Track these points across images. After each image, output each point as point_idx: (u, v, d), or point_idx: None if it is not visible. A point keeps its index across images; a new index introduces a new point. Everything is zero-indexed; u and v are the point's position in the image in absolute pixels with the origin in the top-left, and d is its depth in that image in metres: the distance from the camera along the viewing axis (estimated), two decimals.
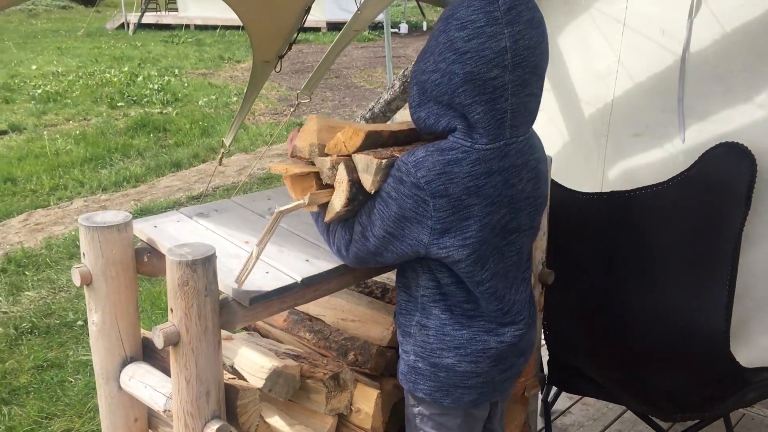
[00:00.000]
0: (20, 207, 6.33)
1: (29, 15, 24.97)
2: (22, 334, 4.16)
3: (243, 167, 7.78)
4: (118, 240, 1.57)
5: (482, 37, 1.36)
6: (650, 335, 2.52)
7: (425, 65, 1.45)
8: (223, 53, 16.41)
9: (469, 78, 1.38)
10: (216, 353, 1.44)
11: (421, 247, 1.47)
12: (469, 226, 1.44)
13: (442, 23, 1.42)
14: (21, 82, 12.07)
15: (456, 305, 1.57)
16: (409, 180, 1.42)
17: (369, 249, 1.52)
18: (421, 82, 1.46)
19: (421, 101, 1.48)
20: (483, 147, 1.43)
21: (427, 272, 1.56)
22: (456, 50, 1.38)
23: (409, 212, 1.43)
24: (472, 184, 1.42)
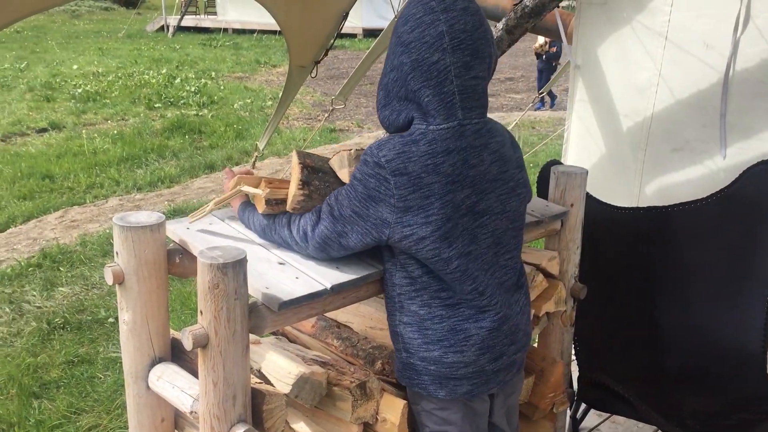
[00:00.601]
0: (57, 204, 6.45)
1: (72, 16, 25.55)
2: (55, 329, 4.22)
3: (276, 171, 7.83)
4: (151, 240, 1.58)
5: (422, 26, 1.51)
6: (684, 354, 2.47)
7: (385, 69, 1.61)
8: (260, 57, 16.60)
9: (415, 65, 1.51)
10: (244, 357, 1.44)
11: (385, 227, 1.53)
12: (431, 204, 1.51)
13: (395, 27, 1.59)
14: (62, 81, 12.34)
15: (433, 297, 1.61)
16: (372, 160, 1.53)
17: (336, 229, 1.57)
18: (384, 84, 1.60)
19: (386, 102, 1.60)
20: (437, 127, 1.53)
21: (399, 269, 1.62)
22: (402, 43, 1.53)
23: (373, 191, 1.52)
24: (430, 162, 1.51)
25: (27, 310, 4.47)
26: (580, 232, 2.23)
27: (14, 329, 4.22)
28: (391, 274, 1.65)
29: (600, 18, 2.88)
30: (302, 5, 2.81)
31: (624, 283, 2.56)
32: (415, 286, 1.61)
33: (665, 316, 2.48)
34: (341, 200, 1.58)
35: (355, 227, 1.56)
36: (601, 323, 2.61)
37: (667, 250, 2.46)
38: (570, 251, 2.23)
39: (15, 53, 15.49)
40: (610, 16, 2.84)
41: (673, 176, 2.74)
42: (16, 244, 5.57)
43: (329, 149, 8.86)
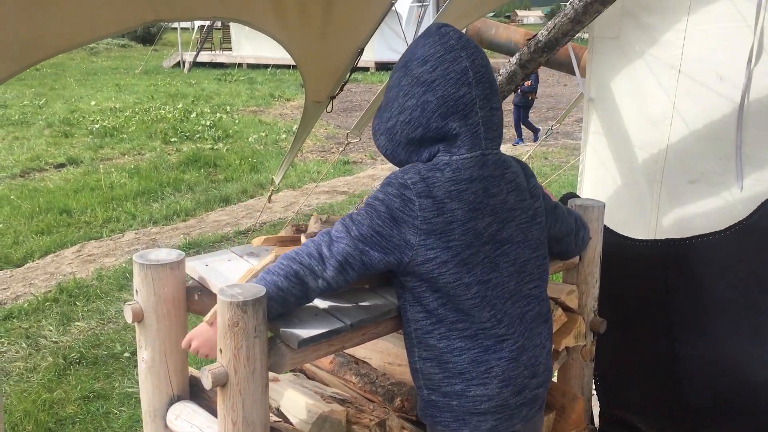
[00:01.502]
0: (74, 238, 6.50)
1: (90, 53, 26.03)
2: (71, 364, 4.23)
3: (290, 203, 7.87)
4: (170, 278, 1.59)
5: (445, 63, 1.55)
6: (707, 389, 2.43)
7: (388, 113, 1.62)
8: (274, 91, 16.80)
9: (442, 102, 1.55)
10: (263, 395, 1.43)
11: (408, 249, 1.53)
12: (453, 230, 1.54)
13: (400, 71, 1.61)
14: (80, 117, 12.53)
15: (450, 330, 1.60)
16: (396, 181, 1.55)
17: (357, 246, 1.54)
18: (388, 129, 1.62)
19: (394, 146, 1.63)
20: (460, 157, 1.57)
21: (413, 304, 1.61)
22: (423, 82, 1.56)
23: (397, 212, 1.53)
24: (454, 188, 1.54)
25: (43, 345, 4.49)
26: (598, 265, 2.22)
27: (31, 364, 4.23)
28: (405, 310, 1.65)
29: (613, 51, 2.90)
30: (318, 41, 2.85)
31: (643, 317, 2.53)
32: (431, 319, 1.60)
33: (686, 349, 2.44)
34: (360, 220, 1.56)
35: (375, 246, 1.54)
36: (621, 358, 2.58)
37: (686, 282, 2.43)
38: (589, 285, 2.22)
39: (34, 90, 15.77)
40: (622, 50, 2.86)
41: (690, 208, 2.73)
42: (33, 279, 5.61)
43: (343, 181, 8.91)
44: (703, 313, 2.41)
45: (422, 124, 1.57)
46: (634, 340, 2.55)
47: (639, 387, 2.57)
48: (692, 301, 2.43)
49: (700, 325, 2.44)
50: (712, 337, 2.40)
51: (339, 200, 8.06)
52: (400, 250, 1.54)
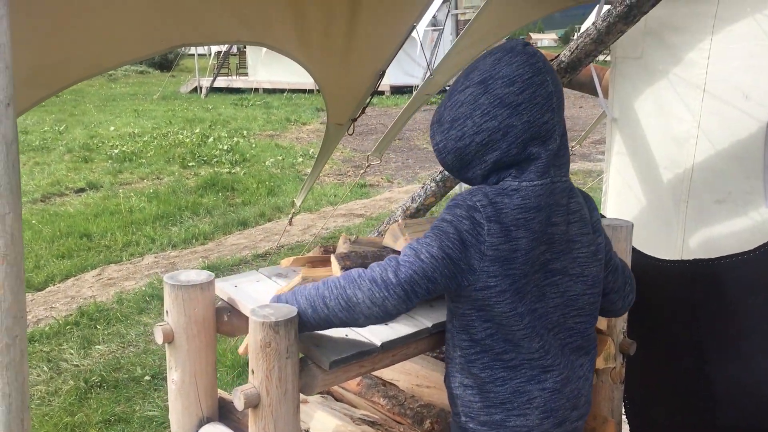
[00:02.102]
0: (94, 262, 6.54)
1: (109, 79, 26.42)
2: (92, 387, 4.23)
3: (308, 226, 7.88)
4: (200, 299, 1.59)
5: (533, 86, 1.48)
6: (738, 411, 2.38)
7: (459, 132, 1.52)
8: (290, 115, 16.93)
9: (527, 127, 1.48)
10: (295, 417, 1.42)
11: (470, 274, 1.48)
12: (516, 259, 1.49)
13: (476, 87, 1.50)
14: (100, 142, 12.68)
15: (495, 360, 1.55)
16: (465, 204, 1.49)
17: (425, 271, 1.45)
18: (458, 148, 1.54)
19: (462, 166, 1.56)
20: (530, 183, 1.51)
21: (461, 331, 1.57)
22: (508, 104, 1.47)
23: (466, 234, 1.47)
24: (521, 217, 1.48)
25: (64, 368, 4.50)
26: None
27: (52, 388, 4.23)
28: (452, 335, 1.60)
29: (636, 71, 2.89)
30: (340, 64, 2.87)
31: (672, 338, 2.50)
32: (476, 348, 1.56)
33: (717, 371, 2.40)
34: (429, 242, 1.48)
35: (444, 270, 1.46)
36: (650, 379, 2.54)
37: (715, 303, 2.40)
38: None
39: (54, 116, 16.00)
40: (646, 69, 2.86)
41: (717, 228, 2.70)
42: (54, 303, 5.64)
43: (360, 204, 8.92)
44: (732, 334, 2.37)
45: (501, 148, 1.50)
46: (663, 362, 2.52)
47: (669, 409, 2.53)
48: (721, 321, 2.39)
49: (728, 345, 2.40)
50: (741, 358, 2.36)
51: (356, 223, 8.07)
52: (463, 275, 1.48)
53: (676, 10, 2.73)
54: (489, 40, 3.61)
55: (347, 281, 1.47)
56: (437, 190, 3.12)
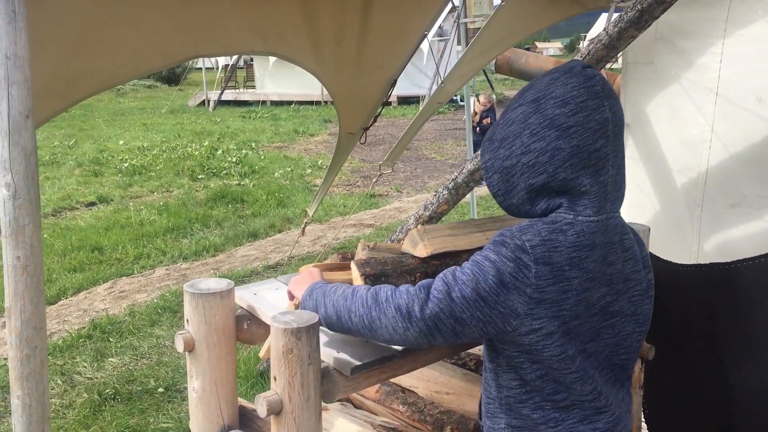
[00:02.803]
0: (106, 275, 6.56)
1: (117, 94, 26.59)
2: (105, 400, 4.23)
3: (318, 237, 7.89)
4: (220, 307, 1.60)
5: (586, 110, 1.39)
6: (758, 417, 2.36)
7: (507, 150, 1.46)
8: (298, 127, 16.99)
9: (575, 151, 1.40)
10: (317, 424, 1.42)
11: (513, 319, 1.37)
12: (566, 300, 1.38)
13: (528, 106, 1.44)
14: (109, 156, 12.75)
15: (546, 400, 1.47)
16: (513, 242, 1.38)
17: (453, 311, 1.37)
18: (505, 168, 1.46)
19: (508, 188, 1.48)
20: (587, 219, 1.41)
21: (507, 371, 1.49)
22: (558, 126, 1.40)
23: (508, 277, 1.36)
24: (576, 255, 1.39)
25: (78, 381, 4.51)
26: None
27: (66, 401, 4.24)
28: (496, 375, 1.51)
29: (647, 76, 2.90)
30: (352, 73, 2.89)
31: (689, 343, 2.48)
32: (526, 388, 1.47)
33: (736, 376, 2.38)
34: (463, 280, 1.39)
35: (476, 313, 1.37)
36: (669, 385, 2.53)
37: (733, 307, 2.39)
38: None
39: (64, 131, 16.10)
40: (657, 74, 2.86)
41: (733, 232, 2.69)
42: (67, 316, 5.66)
43: (369, 214, 8.93)
44: (750, 339, 2.36)
45: (548, 171, 1.41)
46: (681, 367, 2.50)
47: (688, 415, 2.51)
48: (738, 326, 2.38)
49: (746, 350, 2.38)
50: (759, 363, 2.34)
51: (366, 233, 8.07)
52: (504, 320, 1.37)
53: (687, 15, 2.74)
54: (498, 49, 3.62)
55: (374, 302, 1.43)
56: (450, 197, 3.12)
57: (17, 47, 1.45)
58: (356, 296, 1.46)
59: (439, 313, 1.37)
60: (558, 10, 3.26)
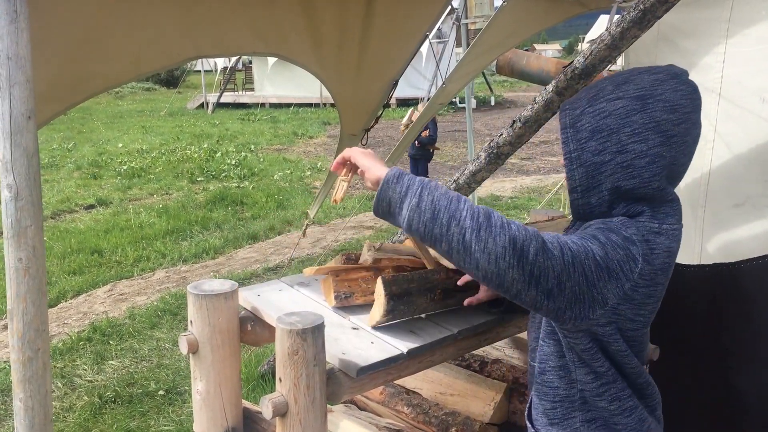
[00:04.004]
0: (106, 278, 6.55)
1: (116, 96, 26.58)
2: (106, 403, 4.22)
3: (317, 239, 7.88)
4: (224, 308, 1.59)
5: (689, 123, 1.34)
6: (762, 417, 2.36)
7: (602, 145, 1.35)
8: (297, 129, 16.99)
9: (672, 161, 1.34)
10: (323, 425, 1.41)
11: (599, 308, 1.29)
12: (648, 305, 1.36)
13: (632, 102, 1.34)
14: (108, 159, 12.74)
15: (621, 391, 1.45)
16: (620, 232, 1.31)
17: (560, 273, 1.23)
18: (595, 164, 1.36)
19: (591, 185, 1.38)
20: (672, 227, 1.37)
21: (580, 366, 1.44)
22: (663, 132, 1.33)
23: (615, 264, 1.27)
24: (668, 261, 1.36)
25: (78, 384, 4.49)
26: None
27: (66, 404, 4.22)
28: (568, 371, 1.46)
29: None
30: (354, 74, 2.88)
31: (694, 343, 2.48)
32: (602, 380, 1.44)
33: (740, 377, 2.38)
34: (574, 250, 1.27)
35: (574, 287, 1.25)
36: (673, 386, 2.51)
37: (737, 307, 2.38)
38: None
39: (63, 134, 16.09)
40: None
41: (736, 232, 2.68)
42: (66, 319, 5.64)
43: (369, 216, 8.91)
44: (756, 339, 2.35)
45: (642, 176, 1.33)
46: (686, 368, 2.49)
47: (693, 416, 2.50)
48: (743, 326, 2.37)
49: (750, 351, 2.38)
50: (764, 364, 2.34)
51: (366, 235, 8.06)
52: (591, 306, 1.28)
53: (689, 15, 2.73)
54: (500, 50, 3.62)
55: (486, 220, 1.21)
56: None
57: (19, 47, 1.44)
58: (465, 204, 1.23)
59: (549, 268, 1.21)
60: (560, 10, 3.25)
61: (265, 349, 4.60)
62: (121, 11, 2.08)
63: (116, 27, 2.13)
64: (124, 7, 2.08)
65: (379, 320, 1.59)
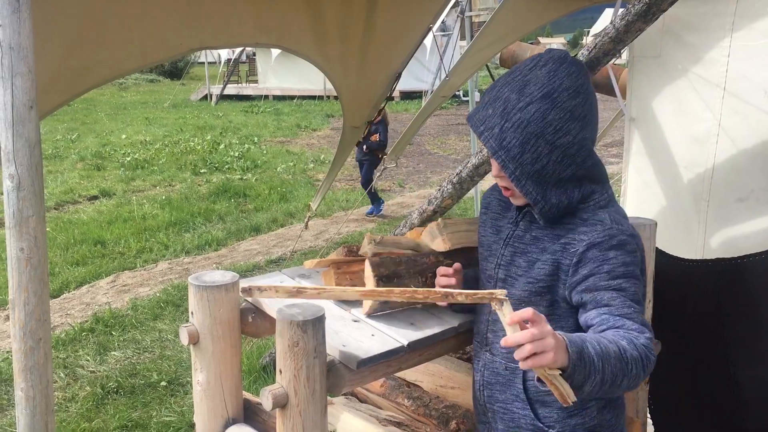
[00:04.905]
0: (109, 269, 6.56)
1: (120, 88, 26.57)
2: (108, 393, 4.23)
3: (320, 232, 7.89)
4: (225, 299, 1.58)
5: (590, 97, 1.44)
6: (763, 410, 2.35)
7: (532, 155, 1.41)
8: (300, 122, 16.97)
9: (593, 137, 1.45)
10: (323, 417, 1.41)
11: None
12: None
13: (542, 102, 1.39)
14: (112, 150, 12.75)
15: None
16: (629, 238, 1.44)
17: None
18: (537, 171, 1.42)
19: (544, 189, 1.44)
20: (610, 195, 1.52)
21: None
22: (577, 117, 1.40)
23: (641, 266, 1.47)
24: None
25: (81, 374, 4.50)
26: (651, 285, 2.17)
27: (69, 394, 4.24)
28: None
29: (654, 70, 2.88)
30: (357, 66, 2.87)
31: (697, 338, 2.47)
32: None
33: (741, 371, 2.37)
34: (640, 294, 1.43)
35: None
36: (675, 380, 2.51)
37: (740, 302, 2.37)
38: None
39: (66, 125, 16.10)
40: (664, 69, 2.84)
41: (739, 227, 2.67)
42: (69, 310, 5.66)
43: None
44: (758, 334, 2.35)
45: (576, 162, 1.44)
46: (688, 362, 2.49)
47: (694, 409, 2.50)
48: (746, 321, 2.37)
49: (755, 345, 2.37)
50: (766, 358, 2.34)
51: (368, 228, 8.06)
52: None
53: (694, 9, 2.72)
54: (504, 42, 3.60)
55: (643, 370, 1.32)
56: (454, 192, 3.11)
57: (21, 37, 1.44)
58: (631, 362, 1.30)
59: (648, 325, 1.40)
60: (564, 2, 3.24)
61: (267, 341, 4.61)
62: (123, 1, 2.07)
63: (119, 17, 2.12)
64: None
65: (372, 304, 1.60)
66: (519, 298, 1.49)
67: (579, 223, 1.46)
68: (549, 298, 1.48)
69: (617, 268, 1.39)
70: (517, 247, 1.53)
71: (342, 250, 1.75)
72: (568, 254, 1.44)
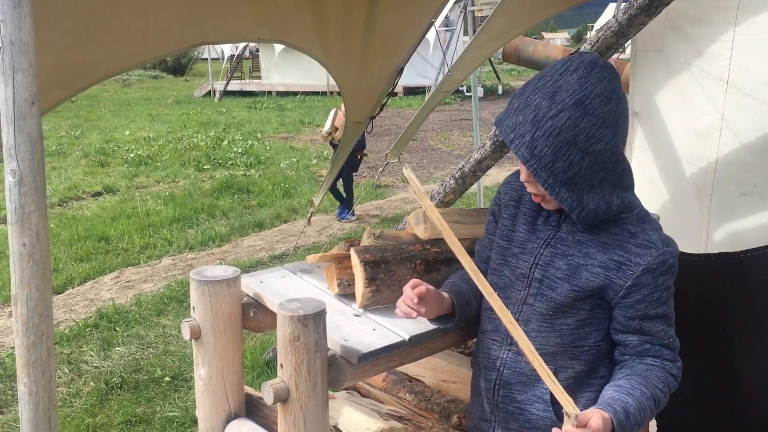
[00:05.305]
0: (113, 265, 6.58)
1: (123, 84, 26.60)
2: (112, 389, 4.25)
3: (323, 227, 7.89)
4: (227, 294, 1.58)
5: (622, 101, 1.42)
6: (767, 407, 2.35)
7: (569, 160, 1.40)
8: (303, 118, 16.97)
9: (623, 140, 1.45)
10: (324, 411, 1.41)
11: None
12: None
13: (575, 109, 1.38)
14: (115, 146, 12.77)
15: None
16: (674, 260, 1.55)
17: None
18: (569, 179, 1.42)
19: (580, 195, 1.45)
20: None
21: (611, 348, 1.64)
22: (610, 124, 1.40)
23: None
24: None
25: (85, 370, 4.52)
26: None
27: (73, 390, 4.25)
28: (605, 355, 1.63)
29: (657, 64, 2.86)
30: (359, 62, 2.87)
31: (700, 334, 2.46)
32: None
33: (746, 368, 2.36)
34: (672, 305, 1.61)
35: None
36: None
37: (744, 297, 2.36)
38: None
39: (70, 122, 16.13)
40: (667, 63, 2.83)
41: (743, 222, 2.66)
42: (73, 305, 5.67)
43: (374, 205, 8.91)
44: (761, 329, 2.34)
45: (607, 168, 1.44)
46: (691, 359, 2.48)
47: (698, 407, 2.50)
48: (750, 316, 2.36)
49: (757, 341, 2.36)
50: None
51: (372, 223, 8.06)
52: None
53: (697, 2, 2.71)
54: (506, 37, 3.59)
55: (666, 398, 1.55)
56: (456, 187, 3.11)
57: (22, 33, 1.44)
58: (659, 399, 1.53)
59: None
60: None
61: (271, 337, 4.62)
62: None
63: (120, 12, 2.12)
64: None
65: (363, 293, 1.60)
66: (560, 302, 1.51)
67: (628, 237, 1.49)
68: (591, 303, 1.52)
69: (664, 293, 1.53)
70: (558, 249, 1.53)
71: (344, 246, 1.75)
72: (623, 275, 1.48)
